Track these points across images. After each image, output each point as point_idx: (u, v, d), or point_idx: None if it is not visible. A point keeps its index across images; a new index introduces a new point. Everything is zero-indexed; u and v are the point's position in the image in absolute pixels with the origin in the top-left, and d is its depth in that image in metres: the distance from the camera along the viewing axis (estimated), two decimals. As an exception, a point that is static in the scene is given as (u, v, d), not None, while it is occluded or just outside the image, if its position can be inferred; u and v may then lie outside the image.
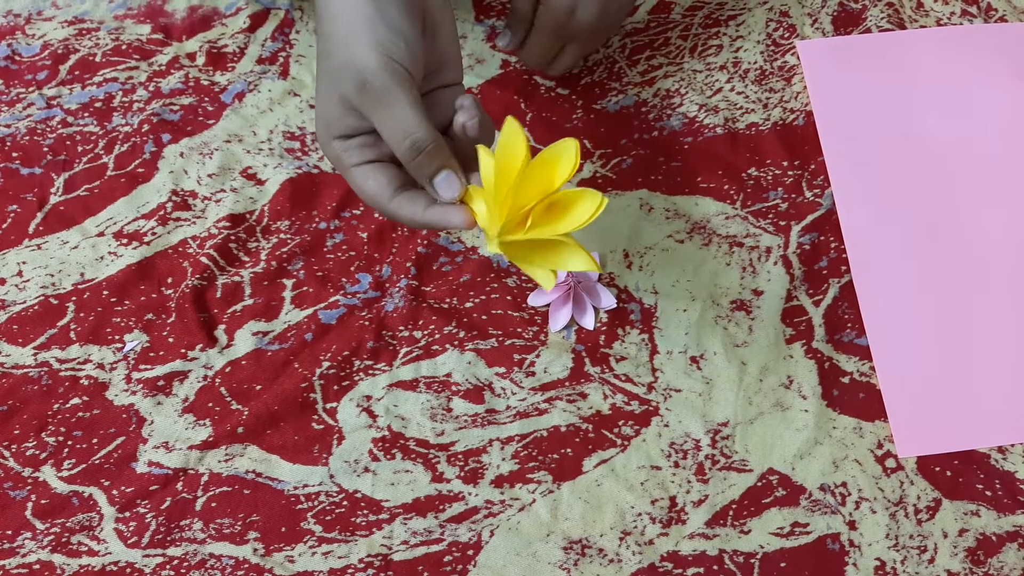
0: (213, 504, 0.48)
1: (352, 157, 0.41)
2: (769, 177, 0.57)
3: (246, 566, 0.47)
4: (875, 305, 0.53)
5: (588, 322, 0.52)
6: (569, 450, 0.49)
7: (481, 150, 0.39)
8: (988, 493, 0.49)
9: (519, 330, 0.52)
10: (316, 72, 0.42)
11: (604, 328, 0.52)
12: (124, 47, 0.60)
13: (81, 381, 0.51)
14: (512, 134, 0.38)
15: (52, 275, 0.53)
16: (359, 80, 0.39)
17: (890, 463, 0.49)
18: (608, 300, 0.52)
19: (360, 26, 0.39)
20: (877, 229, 0.55)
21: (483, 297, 0.53)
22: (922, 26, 0.62)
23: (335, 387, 0.51)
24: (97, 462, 0.49)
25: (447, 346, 0.52)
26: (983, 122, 0.59)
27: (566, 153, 0.39)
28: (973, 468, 0.49)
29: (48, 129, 0.58)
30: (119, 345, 0.52)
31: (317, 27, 0.41)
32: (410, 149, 0.39)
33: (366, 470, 0.49)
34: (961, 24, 0.62)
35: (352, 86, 0.39)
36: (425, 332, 0.52)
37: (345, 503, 0.48)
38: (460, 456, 0.49)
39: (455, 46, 0.43)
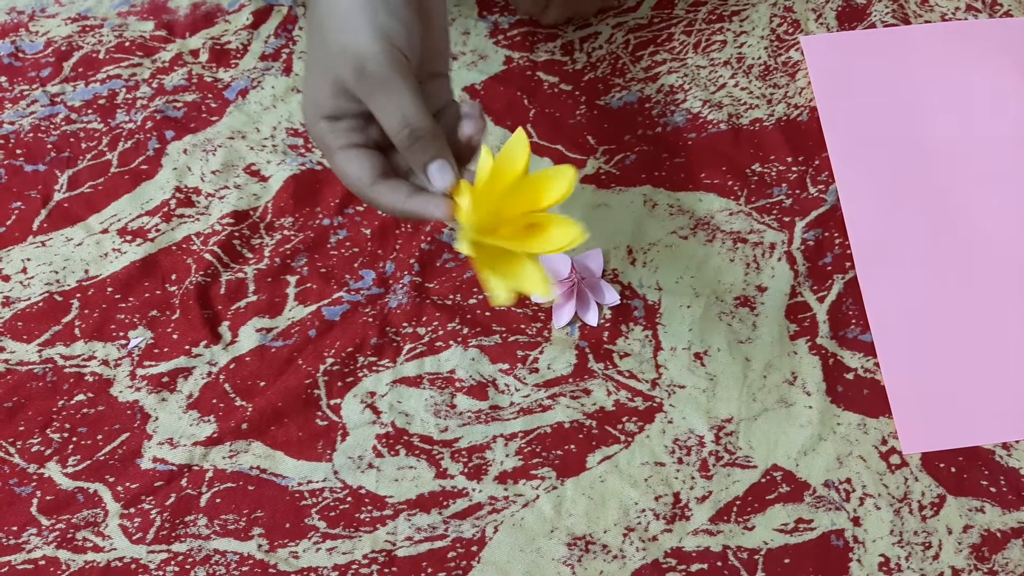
0: (217, 500, 0.48)
1: (338, 139, 0.41)
2: (773, 173, 0.57)
3: (250, 562, 0.47)
4: (879, 301, 0.53)
5: (591, 318, 0.52)
6: (573, 446, 0.50)
7: (485, 150, 0.39)
8: (993, 489, 0.49)
9: (522, 326, 0.52)
10: (308, 50, 0.41)
11: (608, 324, 0.52)
12: (127, 44, 0.60)
13: (86, 378, 0.51)
14: (518, 144, 0.39)
15: (56, 272, 0.53)
16: (357, 64, 0.38)
17: (894, 459, 0.49)
18: (612, 296, 0.52)
19: (359, 9, 0.39)
20: (881, 225, 0.55)
21: (486, 294, 0.53)
22: (927, 21, 0.62)
23: (339, 383, 0.51)
24: (102, 458, 0.49)
25: (451, 342, 0.52)
26: (988, 118, 0.58)
27: (562, 179, 0.39)
28: (978, 464, 0.49)
29: (52, 126, 0.58)
30: (123, 342, 0.52)
31: (309, 4, 0.41)
32: (408, 136, 0.39)
33: (370, 466, 0.49)
34: (966, 19, 0.62)
35: (349, 69, 0.39)
36: (429, 328, 0.52)
37: (349, 499, 0.48)
38: (464, 452, 0.49)
39: (445, 37, 0.44)
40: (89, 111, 0.58)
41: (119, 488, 0.48)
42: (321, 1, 0.40)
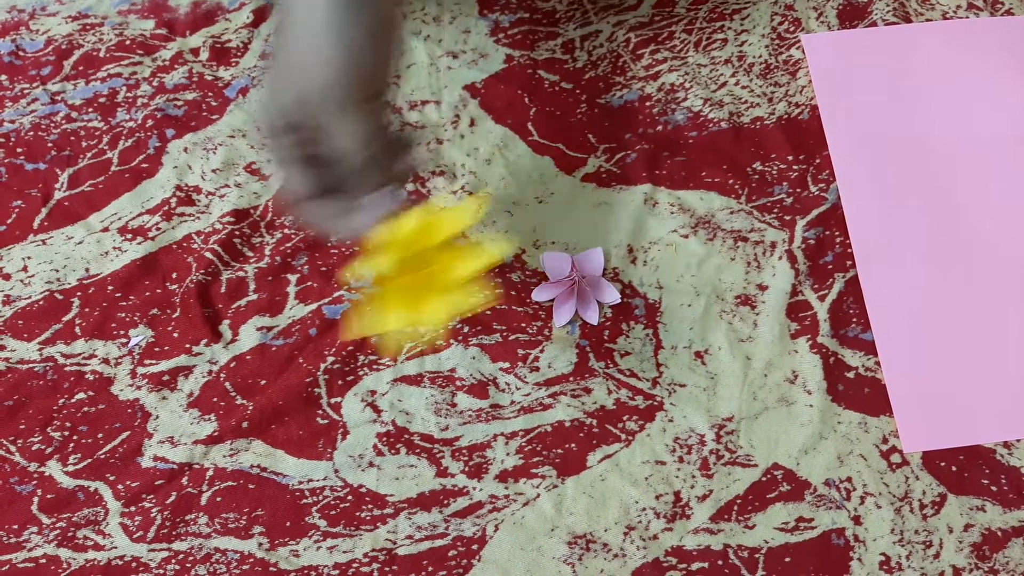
0: (218, 499, 0.48)
1: (295, 149, 0.42)
2: (774, 171, 0.57)
3: (251, 560, 0.47)
4: (880, 300, 0.53)
5: (592, 317, 0.52)
6: (573, 445, 0.50)
7: (433, 206, 0.42)
8: (994, 488, 0.49)
9: (523, 325, 0.52)
10: (276, 54, 0.42)
11: (608, 323, 0.52)
12: (128, 42, 0.60)
13: (86, 376, 0.51)
14: (469, 212, 0.43)
15: (57, 270, 0.53)
16: (321, 84, 0.39)
17: (895, 458, 0.49)
18: (612, 295, 0.52)
19: (329, 25, 0.39)
20: (882, 223, 0.55)
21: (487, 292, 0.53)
22: (928, 19, 0.62)
23: (339, 382, 0.51)
24: (102, 457, 0.49)
25: (451, 341, 0.52)
26: (989, 116, 0.58)
27: (480, 258, 0.43)
28: (979, 463, 0.49)
29: (52, 124, 0.58)
30: (124, 340, 0.52)
31: (282, 7, 0.41)
32: (364, 160, 0.41)
33: (370, 465, 0.49)
34: (967, 17, 0.62)
35: (313, 88, 0.39)
36: (429, 327, 0.52)
37: (350, 498, 0.48)
38: (464, 451, 0.49)
39: (398, 58, 0.45)
40: (89, 109, 0.58)
41: (120, 487, 0.48)
42: (295, 9, 0.40)
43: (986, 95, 0.59)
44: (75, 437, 0.49)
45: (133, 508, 0.48)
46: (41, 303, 0.53)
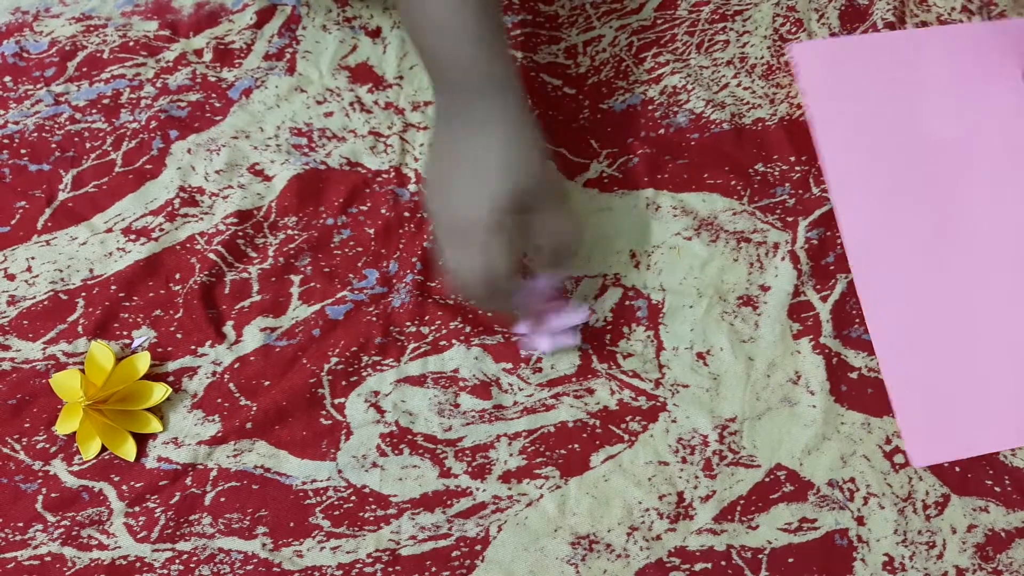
0: (222, 499, 0.48)
1: (517, 235, 0.48)
2: (776, 173, 0.57)
3: (255, 561, 0.47)
4: (877, 308, 0.53)
5: (568, 339, 0.50)
6: (576, 446, 0.50)
7: (111, 352, 0.50)
8: (997, 489, 0.49)
9: (526, 326, 0.52)
10: (471, 143, 0.46)
11: (610, 325, 0.52)
12: (131, 44, 0.60)
13: (90, 377, 0.51)
14: (141, 360, 0.50)
15: (61, 271, 0.54)
16: (541, 174, 0.48)
17: (898, 459, 0.49)
18: (579, 316, 0.50)
19: (531, 132, 0.48)
20: (877, 231, 0.55)
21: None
22: (923, 21, 0.62)
23: (343, 383, 0.51)
24: (106, 457, 0.49)
25: (454, 341, 0.52)
26: (982, 119, 0.58)
27: (156, 392, 0.50)
28: (982, 464, 0.49)
29: (56, 126, 0.58)
30: (127, 341, 0.52)
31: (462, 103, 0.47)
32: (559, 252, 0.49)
33: (374, 465, 0.49)
34: (961, 20, 0.62)
35: (537, 177, 0.47)
36: (432, 327, 0.52)
37: (353, 498, 0.48)
38: (467, 452, 0.49)
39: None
40: (93, 111, 0.58)
41: (124, 487, 0.48)
42: (490, 119, 0.46)
43: (979, 98, 0.59)
44: (79, 437, 0.49)
45: (137, 508, 0.48)
46: (46, 303, 0.53)
